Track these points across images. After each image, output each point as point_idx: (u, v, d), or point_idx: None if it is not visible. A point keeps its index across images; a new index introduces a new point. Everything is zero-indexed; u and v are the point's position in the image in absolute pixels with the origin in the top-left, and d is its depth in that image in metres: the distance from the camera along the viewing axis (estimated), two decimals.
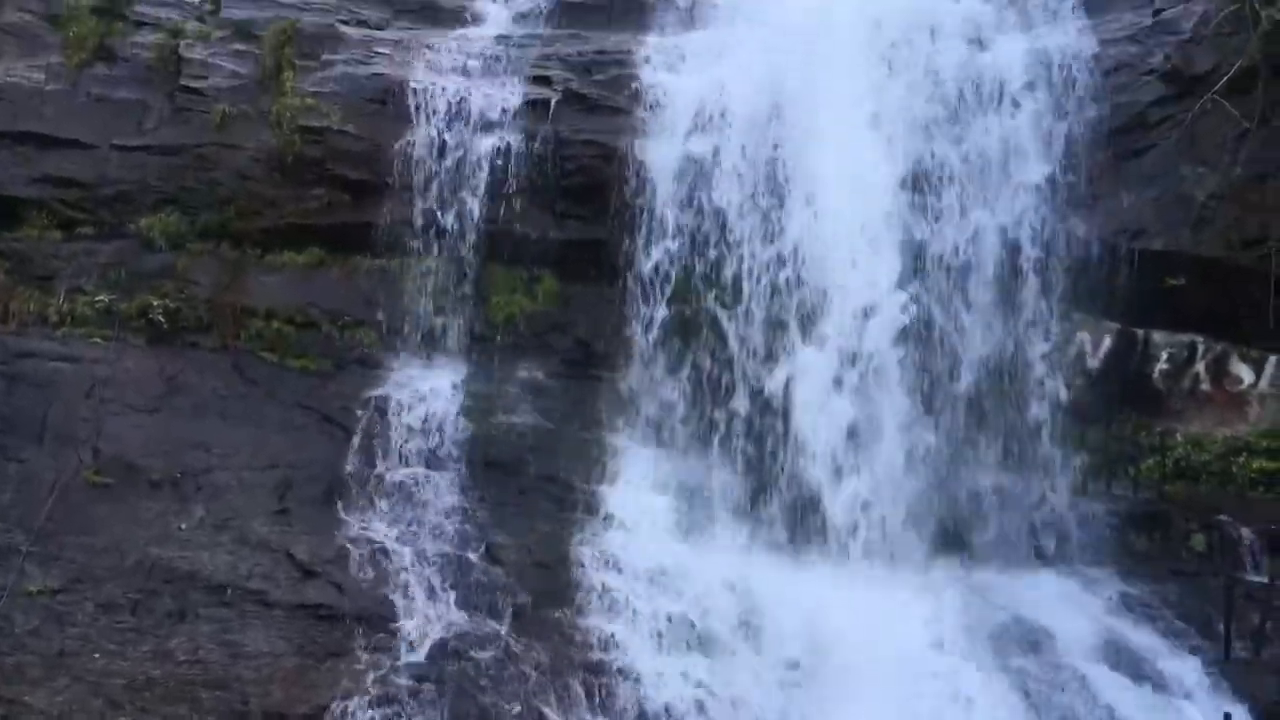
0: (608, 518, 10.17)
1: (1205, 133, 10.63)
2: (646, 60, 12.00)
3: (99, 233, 11.52)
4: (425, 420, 10.69)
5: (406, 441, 10.54)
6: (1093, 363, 10.93)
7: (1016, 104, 11.08)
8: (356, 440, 10.50)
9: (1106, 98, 11.04)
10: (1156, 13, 11.35)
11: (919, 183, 10.80)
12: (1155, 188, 10.83)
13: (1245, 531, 10.04)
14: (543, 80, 12.05)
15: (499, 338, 11.39)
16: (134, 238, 11.47)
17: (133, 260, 11.34)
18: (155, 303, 10.98)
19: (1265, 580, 9.61)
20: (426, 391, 10.94)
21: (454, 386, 11.06)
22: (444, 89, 11.94)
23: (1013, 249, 10.73)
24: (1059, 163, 10.86)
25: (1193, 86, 10.76)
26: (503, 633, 8.85)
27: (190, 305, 11.14)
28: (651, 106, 11.62)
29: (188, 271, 11.36)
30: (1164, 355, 10.88)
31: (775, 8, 12.03)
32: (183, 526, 9.46)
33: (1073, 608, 9.63)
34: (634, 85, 11.74)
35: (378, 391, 10.89)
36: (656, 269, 11.12)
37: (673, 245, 11.12)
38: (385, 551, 9.51)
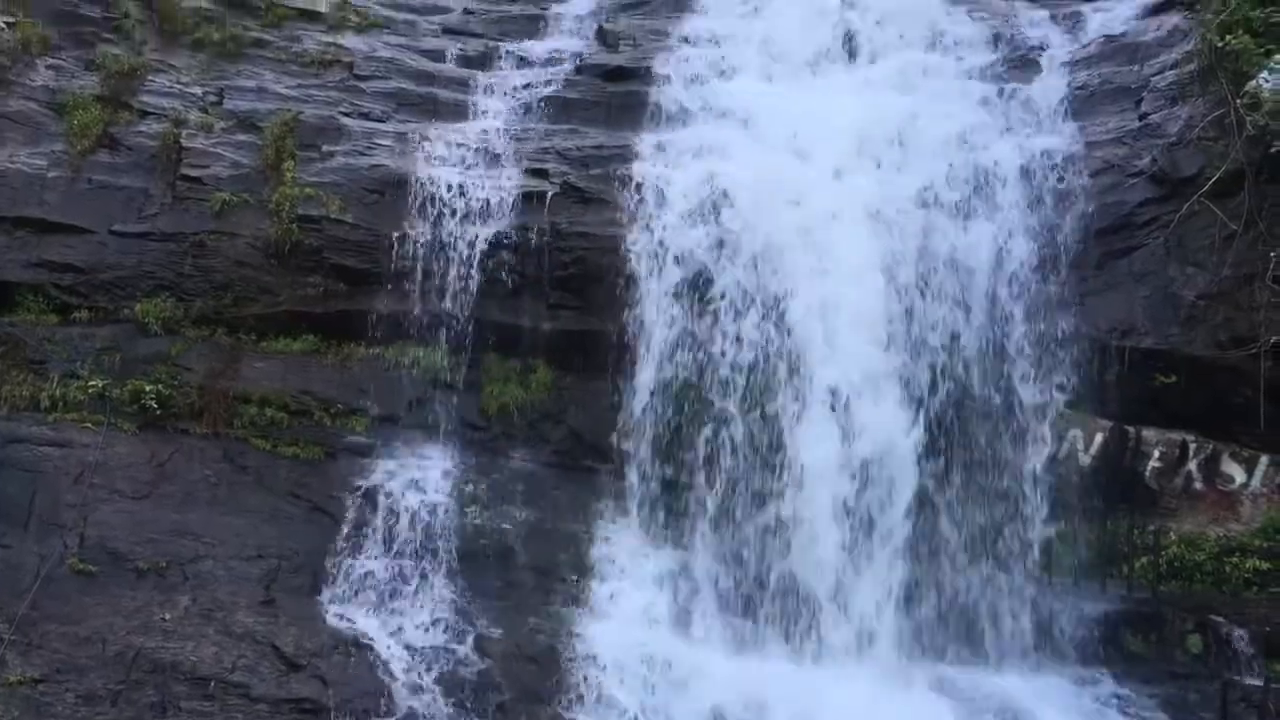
0: (597, 611, 10.07)
1: (1193, 234, 10.79)
2: (642, 155, 12.17)
3: (94, 318, 11.54)
4: (415, 510, 10.63)
5: (395, 531, 10.47)
6: (1085, 459, 10.91)
7: (1007, 204, 11.23)
8: (345, 529, 10.44)
9: (1095, 198, 11.20)
10: (1142, 117, 11.57)
11: (915, 279, 10.93)
12: (1145, 286, 10.94)
13: (1240, 633, 9.95)
14: (540, 173, 12.22)
15: (491, 427, 11.39)
16: (129, 323, 11.50)
17: (127, 345, 11.35)
18: (148, 388, 10.96)
19: (1261, 683, 9.50)
20: (417, 481, 10.90)
21: (445, 476, 11.03)
22: (442, 180, 12.09)
23: (1002, 347, 10.81)
24: (1049, 262, 10.99)
25: (1180, 189, 10.94)
26: None
27: (183, 391, 11.13)
28: (646, 200, 11.74)
29: (182, 357, 11.37)
30: (1156, 453, 10.88)
31: (769, 109, 12.28)
32: (167, 616, 9.36)
33: (1066, 708, 9.51)
34: (629, 179, 11.89)
35: (368, 480, 10.84)
36: (650, 361, 11.15)
37: (667, 337, 11.16)
38: (371, 644, 9.40)
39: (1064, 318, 10.87)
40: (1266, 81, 10.43)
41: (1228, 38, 10.74)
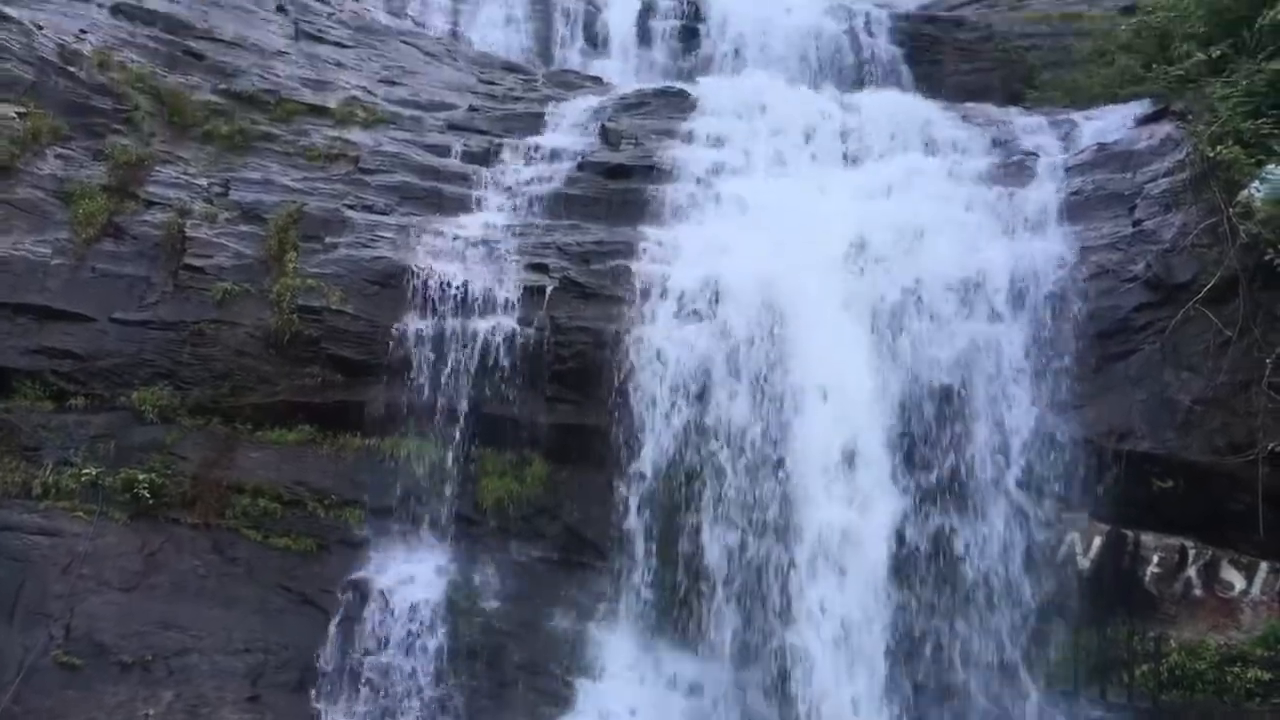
0: (591, 713, 9.90)
1: (1188, 339, 10.83)
2: (643, 251, 12.28)
3: (91, 405, 11.52)
4: (406, 605, 10.52)
5: (386, 627, 10.35)
6: (1084, 563, 10.83)
7: (1004, 308, 11.32)
8: (334, 624, 10.31)
9: (1091, 302, 11.28)
10: (1136, 223, 11.69)
11: (912, 379, 10.99)
12: (1141, 390, 10.95)
13: None
14: (540, 268, 12.31)
15: (486, 521, 11.31)
16: (126, 410, 11.48)
17: (122, 433, 11.32)
18: (141, 477, 10.91)
19: None
20: (409, 575, 10.80)
21: (438, 570, 10.93)
22: (443, 273, 12.17)
23: (1002, 449, 10.80)
24: (1045, 366, 11.03)
25: (1174, 294, 11.01)
26: None
27: (176, 480, 11.08)
28: (646, 296, 11.82)
29: (177, 446, 11.34)
30: (1155, 558, 10.79)
31: (768, 208, 12.43)
32: (150, 713, 9.21)
33: None
34: (629, 275, 11.98)
35: (360, 574, 10.74)
36: (648, 457, 11.12)
37: (664, 434, 11.15)
38: None
39: (1061, 421, 10.86)
40: (1258, 191, 10.57)
41: (1219, 148, 10.91)
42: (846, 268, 11.65)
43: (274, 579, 10.64)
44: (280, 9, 16.48)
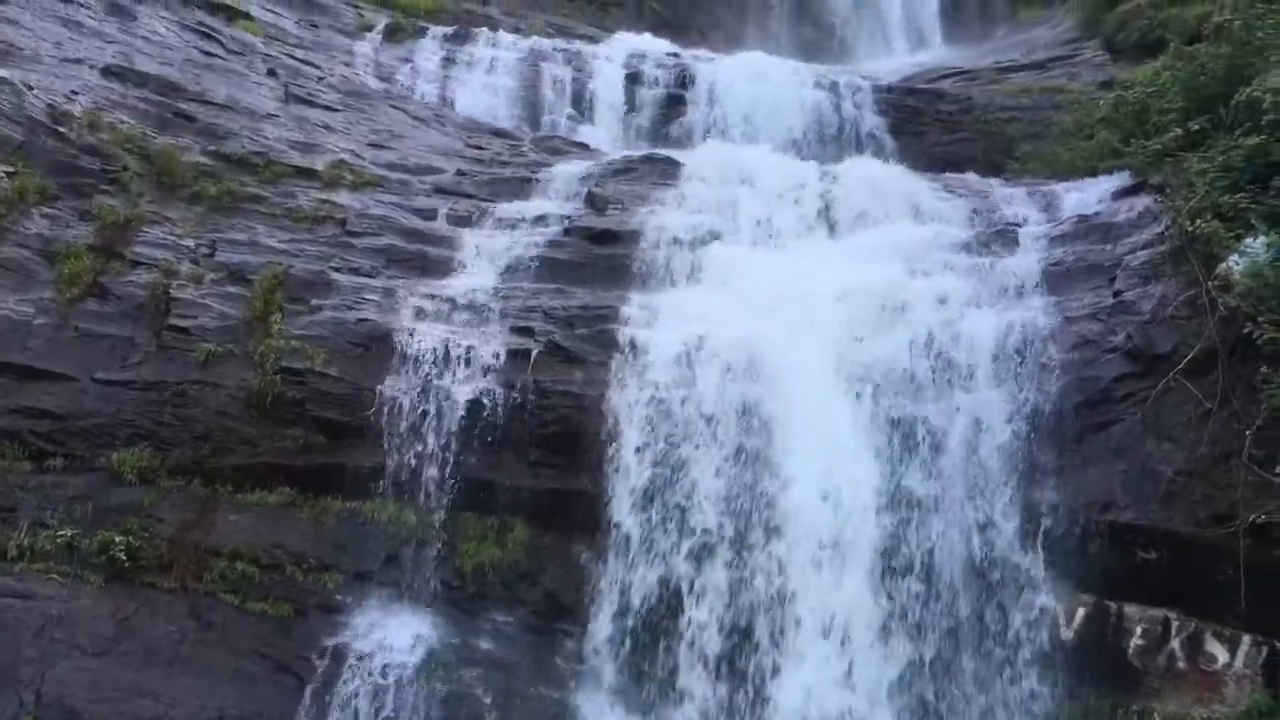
0: None
1: (1169, 410, 10.87)
2: (627, 317, 12.33)
3: (69, 466, 11.43)
4: (383, 672, 10.37)
5: (362, 695, 10.19)
6: (1067, 634, 10.77)
7: (986, 376, 11.37)
8: (310, 691, 10.16)
9: (1072, 372, 11.34)
10: (1117, 294, 11.80)
11: (894, 447, 11.01)
12: (1123, 461, 10.96)
13: None
14: (526, 331, 12.34)
15: (466, 587, 11.20)
16: (104, 471, 11.39)
17: (100, 495, 11.22)
18: (118, 539, 10.80)
19: None
20: (388, 641, 10.66)
21: (416, 637, 10.79)
22: (428, 336, 12.18)
23: (985, 522, 10.79)
24: (1028, 435, 11.06)
25: (1155, 365, 11.08)
26: None
27: (153, 543, 10.96)
28: (630, 361, 11.85)
29: (155, 508, 11.23)
30: (1138, 630, 10.74)
31: (752, 275, 12.52)
32: None
33: None
34: (614, 340, 12.02)
35: (337, 640, 10.60)
36: (630, 523, 11.07)
37: (647, 500, 11.11)
38: None
39: (1044, 491, 10.88)
40: (1236, 264, 10.69)
41: (1198, 222, 11.05)
42: (830, 335, 11.71)
43: (250, 645, 10.49)
44: (272, 73, 16.65)
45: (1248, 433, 10.27)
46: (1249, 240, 10.73)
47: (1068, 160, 15.51)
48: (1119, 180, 13.55)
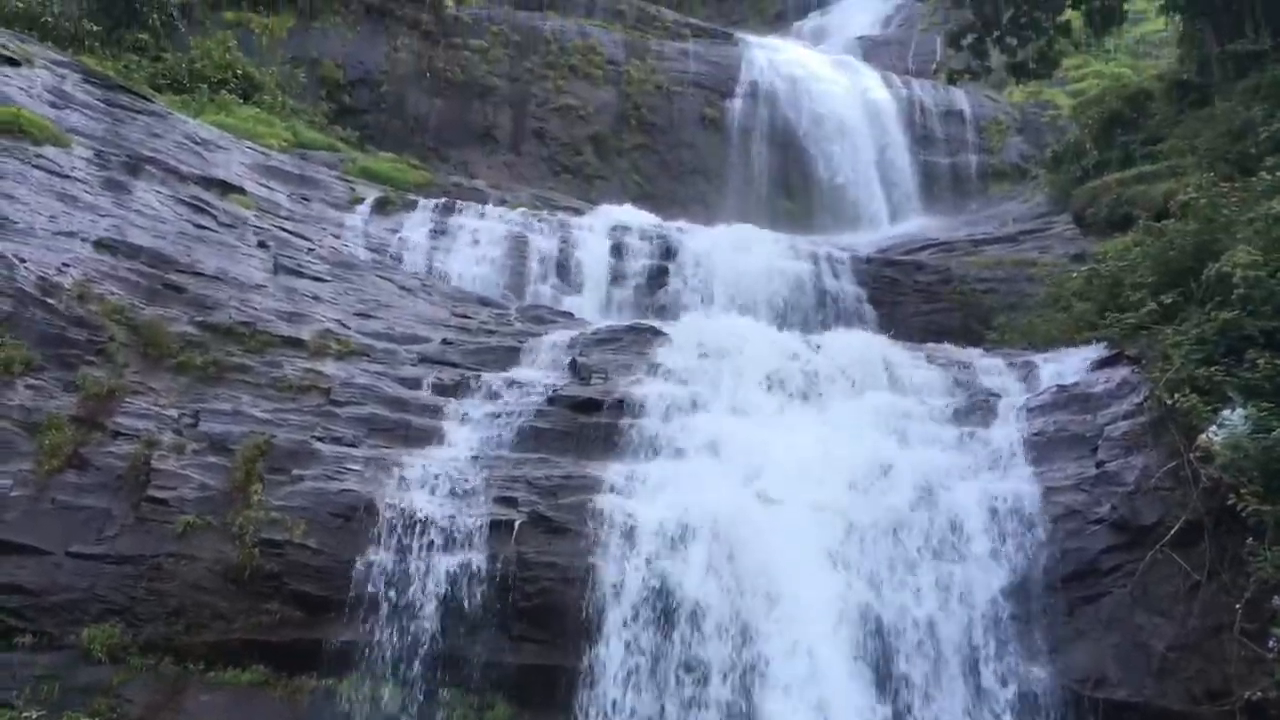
0: None
1: (1158, 582, 10.80)
2: (611, 487, 12.26)
3: (38, 643, 11.10)
4: None
5: None
6: None
7: (974, 550, 11.30)
8: None
9: (1059, 544, 11.29)
10: (1099, 464, 11.84)
11: (883, 624, 10.86)
12: (1114, 635, 10.83)
13: None
14: (509, 501, 12.24)
15: None
16: (73, 649, 11.07)
17: (68, 674, 10.87)
18: None
19: None
20: None
21: None
22: (409, 507, 12.07)
23: (974, 696, 10.56)
24: (1017, 608, 10.93)
25: (1141, 536, 11.05)
26: None
27: None
28: (614, 533, 11.72)
29: (124, 687, 10.88)
30: None
31: (736, 445, 12.54)
32: None
33: None
34: (598, 511, 11.91)
35: None
36: (615, 700, 10.77)
37: (632, 677, 10.84)
38: None
39: (1036, 667, 10.68)
40: (1216, 436, 10.78)
41: (1176, 395, 11.19)
42: (813, 507, 11.66)
43: None
44: (262, 245, 16.95)
45: (1237, 605, 10.19)
46: (1227, 413, 10.85)
47: (1044, 331, 15.79)
48: (1096, 351, 13.76)
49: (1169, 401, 11.24)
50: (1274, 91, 17.01)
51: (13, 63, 18.51)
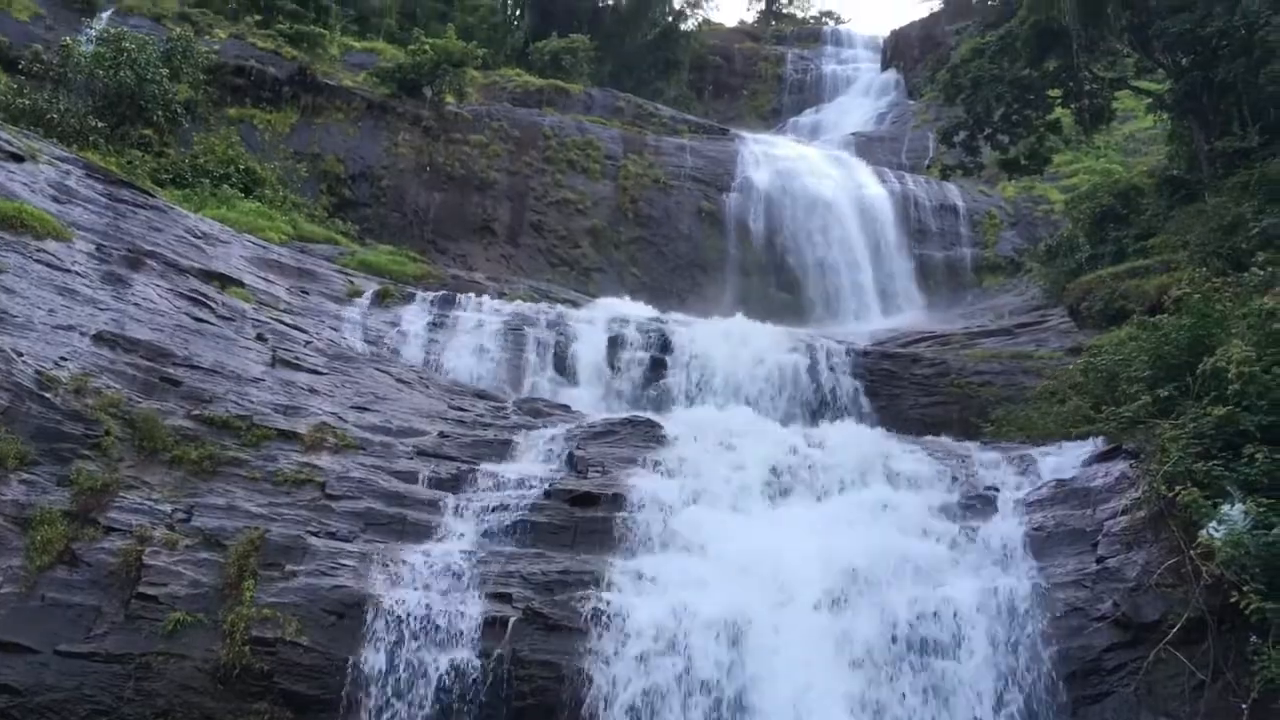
0: None
1: (1162, 681, 10.64)
2: (607, 582, 12.14)
3: None
4: None
5: None
6: None
7: (976, 648, 11.14)
8: None
9: (1061, 642, 11.14)
10: (1100, 560, 11.74)
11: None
12: None
13: None
14: (504, 597, 12.10)
15: None
16: None
17: None
18: None
19: None
20: None
21: None
22: (404, 603, 11.93)
23: None
24: (1020, 709, 10.74)
25: (1144, 634, 10.91)
26: None
27: None
28: (610, 630, 11.58)
29: None
30: None
31: (735, 541, 12.45)
32: None
33: None
34: (594, 607, 11.78)
35: None
36: None
37: None
38: None
39: None
40: (1216, 532, 10.70)
41: (1176, 489, 11.14)
42: (811, 605, 11.55)
43: None
44: (260, 337, 16.98)
45: (1243, 706, 10.03)
46: (1226, 508, 10.79)
47: (1041, 425, 15.78)
48: (1093, 445, 13.74)
49: (1168, 495, 11.18)
50: (1264, 188, 17.26)
51: (17, 158, 18.75)
